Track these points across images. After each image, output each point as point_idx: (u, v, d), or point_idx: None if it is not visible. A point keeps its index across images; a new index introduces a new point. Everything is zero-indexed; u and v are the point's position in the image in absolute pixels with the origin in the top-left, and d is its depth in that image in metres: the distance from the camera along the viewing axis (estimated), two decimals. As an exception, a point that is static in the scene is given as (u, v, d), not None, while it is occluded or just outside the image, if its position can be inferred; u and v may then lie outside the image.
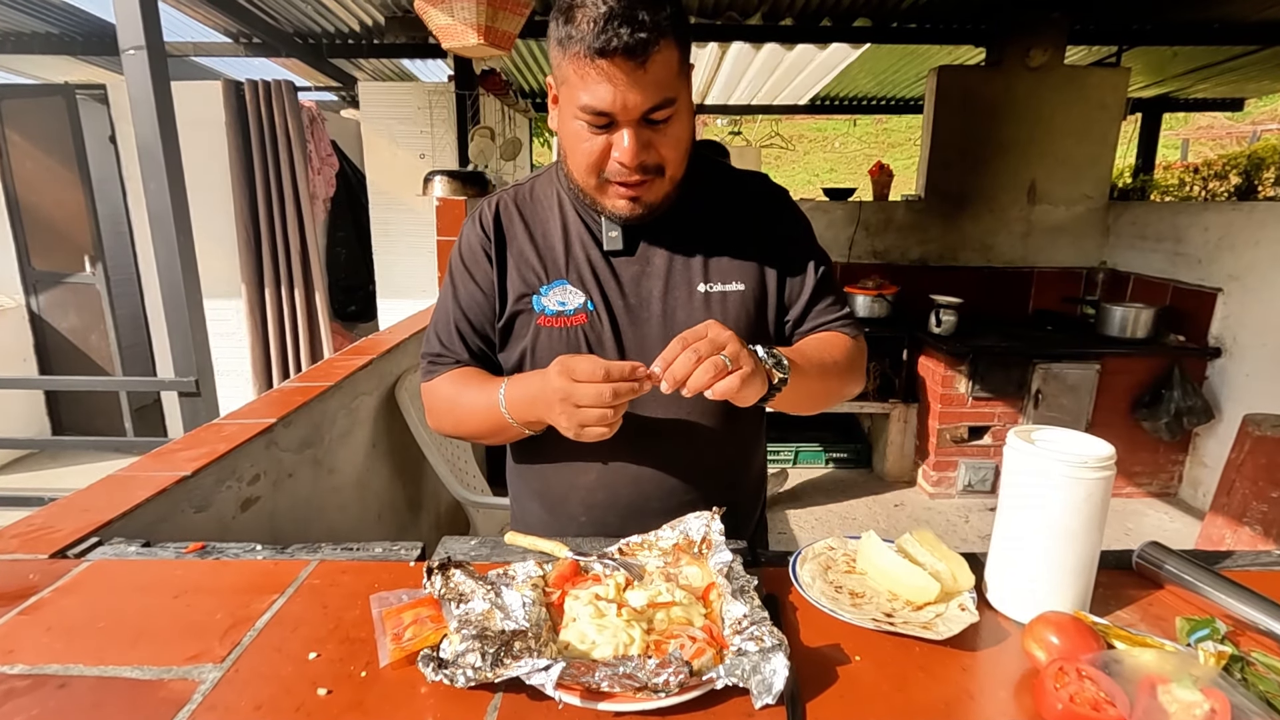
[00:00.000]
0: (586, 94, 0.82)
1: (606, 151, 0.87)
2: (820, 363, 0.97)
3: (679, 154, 0.90)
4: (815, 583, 0.83)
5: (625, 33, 0.78)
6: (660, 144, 0.87)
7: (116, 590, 0.82)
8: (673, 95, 0.84)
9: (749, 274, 1.00)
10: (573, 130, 0.88)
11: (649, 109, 0.83)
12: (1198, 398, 3.26)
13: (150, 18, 2.54)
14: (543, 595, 0.78)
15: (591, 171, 0.89)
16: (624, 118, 0.83)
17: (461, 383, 1.02)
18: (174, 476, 1.18)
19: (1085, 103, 3.88)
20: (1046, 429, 0.82)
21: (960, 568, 0.82)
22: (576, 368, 0.81)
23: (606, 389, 0.80)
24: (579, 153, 0.88)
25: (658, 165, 0.88)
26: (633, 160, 0.85)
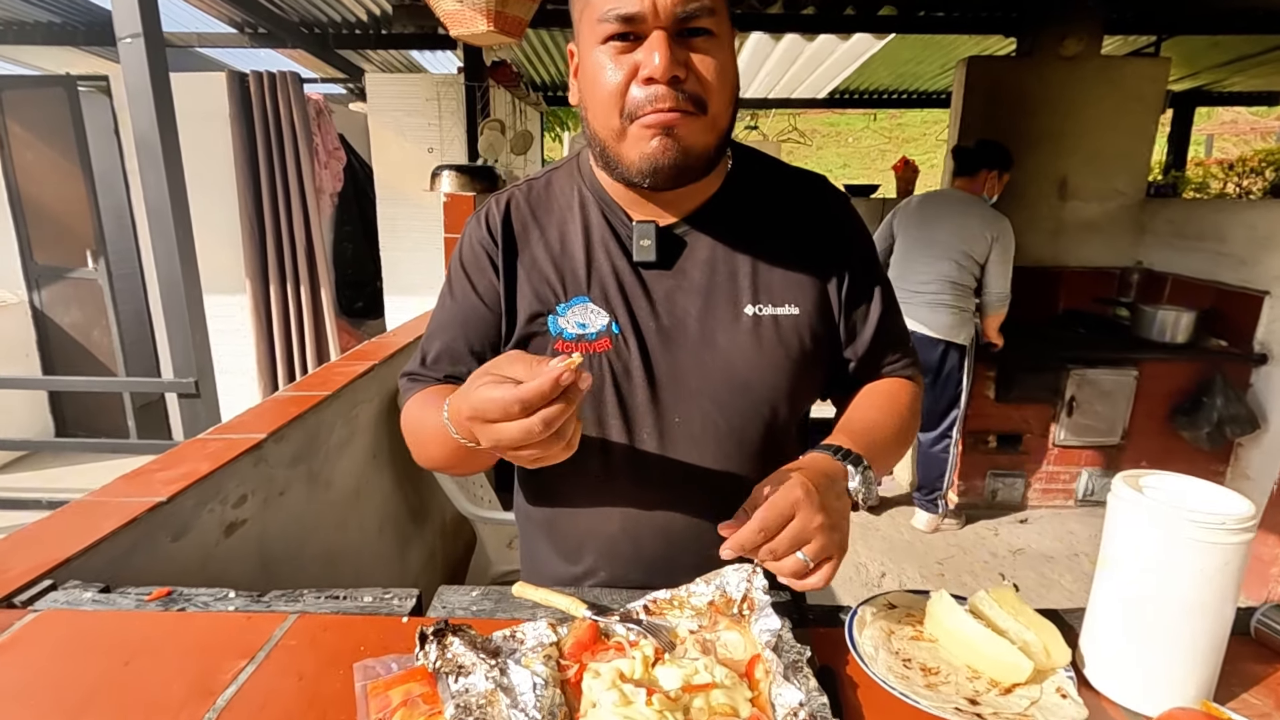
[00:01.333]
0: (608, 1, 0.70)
1: (633, 75, 0.71)
2: (893, 434, 0.85)
3: (723, 88, 0.74)
4: (879, 654, 0.70)
5: None
6: (699, 66, 0.72)
7: (61, 653, 0.71)
8: (711, 4, 0.70)
9: (806, 295, 0.84)
10: (593, 65, 0.73)
11: (684, 13, 0.69)
12: (1241, 406, 3.09)
13: (148, 5, 2.44)
14: (557, 671, 0.66)
15: (613, 106, 0.73)
16: (654, 22, 0.69)
17: (424, 403, 0.83)
18: (147, 503, 1.06)
19: (1121, 94, 3.71)
20: (1156, 474, 0.69)
21: (1053, 639, 0.69)
22: (485, 410, 0.59)
23: (534, 423, 0.57)
24: (601, 87, 0.73)
25: (695, 95, 0.72)
26: (665, 72, 0.69)
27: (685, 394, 0.83)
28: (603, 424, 0.84)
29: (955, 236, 2.89)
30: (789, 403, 0.85)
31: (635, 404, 0.83)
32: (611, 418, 0.84)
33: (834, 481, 0.72)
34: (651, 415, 0.83)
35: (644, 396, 0.83)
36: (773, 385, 0.83)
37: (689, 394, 0.83)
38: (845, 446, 0.77)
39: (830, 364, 0.89)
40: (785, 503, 0.66)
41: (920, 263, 2.95)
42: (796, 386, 0.84)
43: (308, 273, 4.34)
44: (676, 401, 0.83)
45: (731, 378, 0.82)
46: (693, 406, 0.83)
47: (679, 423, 0.83)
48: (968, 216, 2.91)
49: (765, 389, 0.83)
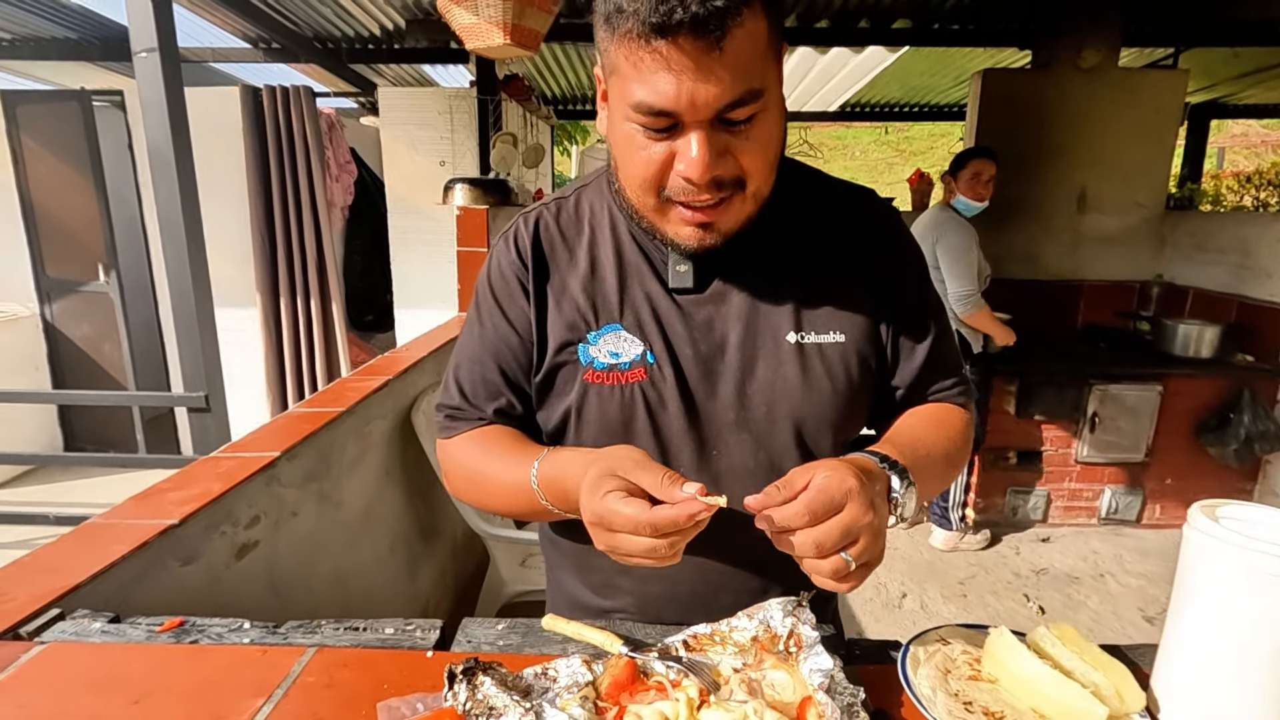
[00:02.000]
0: (642, 87, 0.62)
1: (669, 162, 0.66)
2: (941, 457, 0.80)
3: (766, 163, 0.68)
4: (937, 696, 0.65)
5: (694, 1, 0.57)
6: (741, 151, 0.66)
7: (66, 690, 0.67)
8: (759, 86, 0.63)
9: (853, 322, 0.79)
10: (625, 135, 0.67)
11: (726, 105, 0.62)
12: (1270, 422, 3.03)
13: (164, 20, 2.44)
14: (594, 713, 0.61)
15: (649, 189, 0.68)
16: (692, 117, 0.63)
17: (484, 449, 0.81)
18: (158, 526, 1.03)
19: (1140, 106, 3.67)
20: (1233, 504, 0.64)
21: (1125, 681, 0.64)
22: (613, 521, 0.61)
23: (660, 544, 0.60)
24: (633, 164, 0.68)
25: (736, 179, 0.67)
26: (703, 175, 0.64)
27: (724, 426, 0.78)
28: None
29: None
30: (833, 435, 0.79)
31: (671, 435, 0.78)
32: (646, 450, 0.79)
33: (878, 482, 0.67)
34: (688, 447, 0.78)
35: (680, 428, 0.78)
36: (817, 417, 0.78)
37: (728, 426, 0.78)
38: (891, 456, 0.71)
39: (877, 391, 0.84)
40: (838, 490, 0.60)
41: None
42: (842, 418, 0.79)
43: (318, 286, 4.33)
44: (715, 434, 0.78)
45: (773, 409, 0.77)
46: (732, 439, 0.78)
47: (717, 455, 0.78)
48: (922, 225, 2.92)
49: (809, 421, 0.78)
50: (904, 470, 0.70)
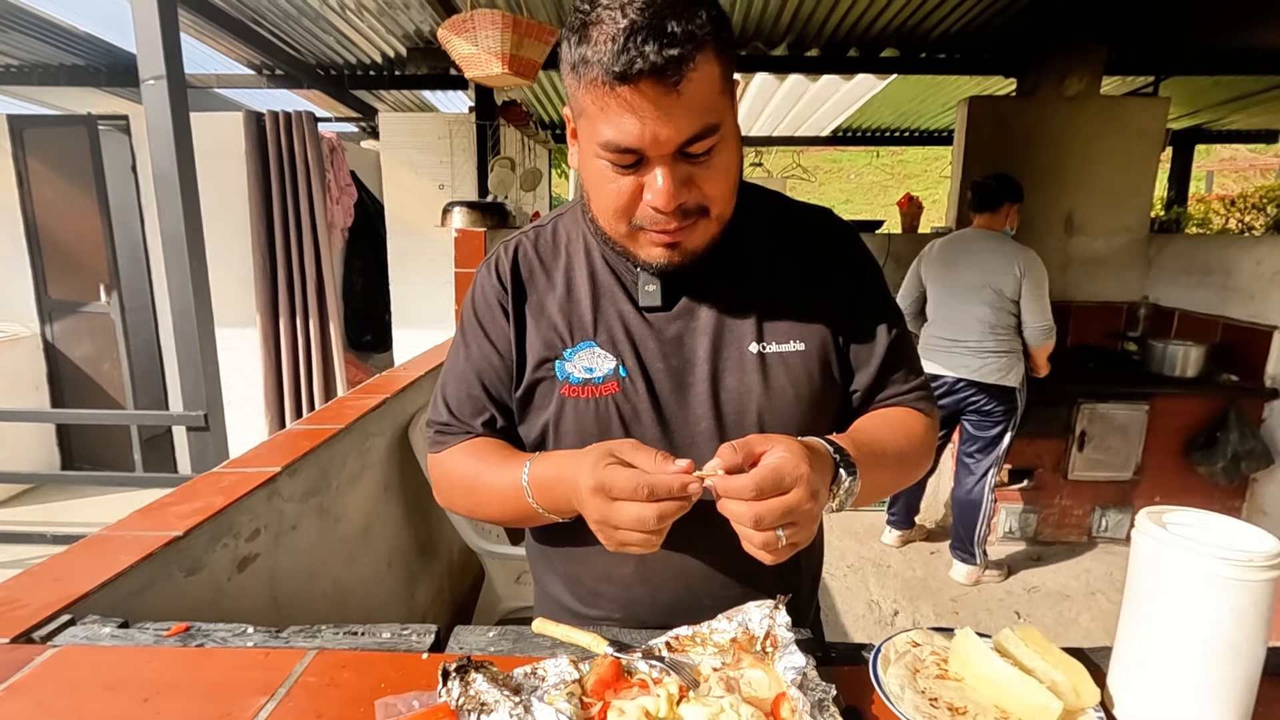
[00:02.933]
0: (609, 128, 0.68)
1: (637, 194, 0.72)
2: (896, 455, 0.83)
3: (726, 189, 0.75)
4: (905, 693, 0.69)
5: (652, 50, 0.63)
6: (703, 180, 0.72)
7: (79, 690, 0.70)
8: (715, 121, 0.69)
9: (812, 331, 0.84)
10: (595, 170, 0.73)
11: (686, 141, 0.68)
12: (1256, 441, 3.07)
13: (171, 48, 2.52)
14: (580, 708, 0.65)
15: (620, 217, 0.74)
16: (656, 153, 0.69)
17: (476, 458, 0.86)
18: (163, 538, 1.06)
19: (1123, 132, 3.76)
20: (1180, 510, 0.68)
21: (1080, 678, 0.68)
22: (614, 484, 0.66)
23: (650, 512, 0.65)
24: (604, 196, 0.74)
25: (700, 205, 0.73)
26: (669, 204, 0.70)
27: (696, 434, 0.83)
28: None
29: (982, 277, 2.85)
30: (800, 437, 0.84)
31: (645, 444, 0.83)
32: None
33: (826, 471, 0.71)
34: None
35: (654, 437, 0.82)
36: (783, 423, 0.82)
37: (700, 434, 0.83)
38: (846, 450, 0.74)
39: (842, 399, 0.89)
40: (790, 474, 0.65)
41: (954, 310, 2.90)
42: (807, 423, 0.83)
43: (317, 306, 4.38)
44: (687, 442, 0.83)
45: (742, 417, 0.82)
46: (704, 447, 0.82)
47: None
48: (991, 254, 2.86)
49: (776, 427, 0.82)
50: (853, 465, 0.73)
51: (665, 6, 0.65)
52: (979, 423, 2.95)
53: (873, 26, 3.62)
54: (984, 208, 2.96)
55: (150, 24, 2.45)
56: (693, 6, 0.66)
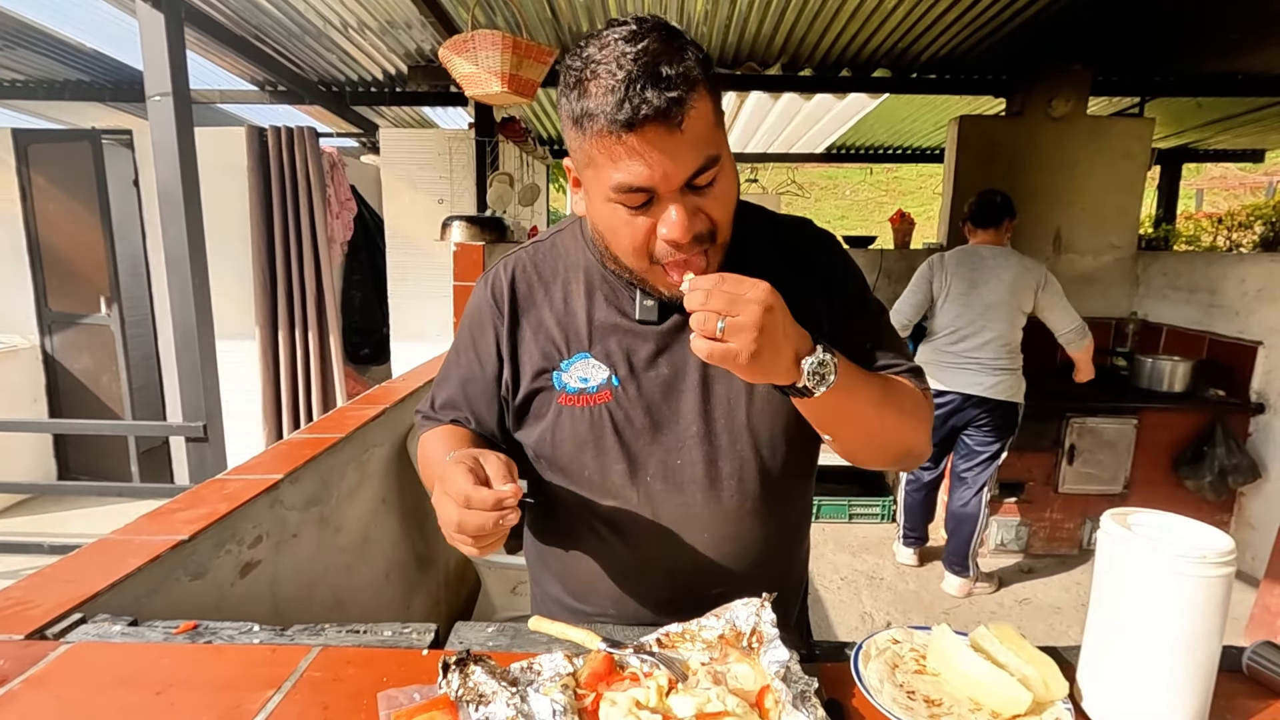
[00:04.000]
0: (619, 173, 0.72)
1: (651, 231, 0.76)
2: (882, 389, 0.84)
3: (729, 214, 0.80)
4: (884, 686, 0.72)
5: (653, 95, 0.68)
6: (709, 207, 0.77)
7: (94, 682, 0.73)
8: (715, 152, 0.74)
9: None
10: (608, 214, 0.77)
11: (692, 175, 0.73)
12: (1242, 455, 3.12)
13: (177, 65, 2.57)
14: (574, 699, 0.68)
15: (640, 256, 0.78)
16: (666, 189, 0.73)
17: (439, 440, 0.94)
18: (170, 541, 1.09)
19: (1110, 152, 3.84)
20: (1143, 512, 0.72)
21: (1050, 672, 0.72)
22: (448, 483, 0.73)
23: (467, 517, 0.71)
24: (621, 238, 0.78)
25: (710, 231, 0.78)
26: (685, 235, 0.74)
27: (687, 439, 0.87)
28: (607, 470, 0.88)
29: (1007, 294, 2.87)
30: (786, 443, 0.88)
31: (638, 450, 0.87)
32: (615, 464, 0.88)
33: (794, 329, 0.72)
34: (655, 459, 0.87)
35: (646, 442, 0.87)
36: (770, 427, 0.87)
37: (691, 439, 0.87)
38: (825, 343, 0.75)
39: None
40: (753, 283, 0.69)
41: (974, 327, 2.91)
42: (794, 426, 0.88)
43: (316, 319, 4.42)
44: (679, 446, 0.87)
45: (731, 422, 0.87)
46: (695, 451, 0.87)
47: (681, 465, 0.87)
48: (1014, 271, 2.88)
49: (764, 431, 0.87)
50: (833, 353, 0.75)
51: (656, 54, 0.69)
52: (980, 439, 2.98)
53: (864, 48, 3.70)
54: (990, 223, 2.98)
55: (157, 42, 2.51)
56: (681, 50, 0.71)
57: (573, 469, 0.90)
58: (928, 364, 3.01)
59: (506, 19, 3.34)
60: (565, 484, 0.92)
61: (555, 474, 0.92)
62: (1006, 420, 2.95)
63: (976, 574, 3.12)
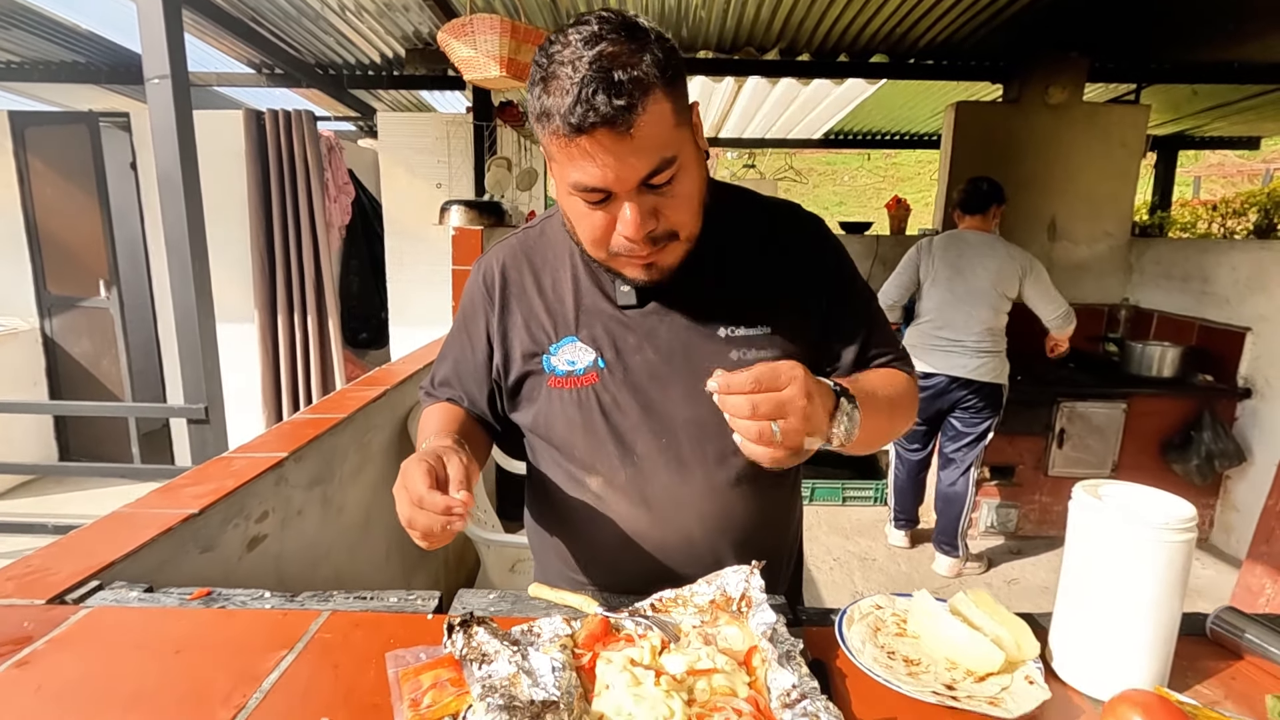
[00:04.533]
0: (575, 171, 0.74)
1: (610, 225, 0.78)
2: (887, 402, 0.88)
3: (690, 213, 0.81)
4: (866, 647, 0.76)
5: (602, 101, 0.69)
6: (668, 208, 0.78)
7: (114, 644, 0.77)
8: (670, 154, 0.75)
9: (779, 317, 0.91)
10: (571, 206, 0.81)
11: (645, 177, 0.74)
12: (1229, 440, 3.17)
13: (176, 48, 2.57)
14: (572, 658, 0.72)
15: (599, 247, 0.81)
16: (620, 189, 0.75)
17: (432, 418, 0.99)
18: (180, 515, 1.13)
19: (1105, 140, 3.86)
20: (1113, 484, 0.76)
21: (1023, 634, 0.76)
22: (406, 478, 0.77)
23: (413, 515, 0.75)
24: (582, 229, 0.81)
25: (668, 232, 0.80)
26: (637, 234, 0.77)
27: (674, 419, 0.90)
28: (596, 450, 0.92)
29: (991, 282, 2.92)
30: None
31: (625, 429, 0.90)
32: (605, 443, 0.91)
33: (825, 394, 0.75)
34: (642, 439, 0.90)
35: (634, 422, 0.90)
36: None
37: (678, 419, 0.90)
38: (846, 387, 0.79)
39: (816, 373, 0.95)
40: (785, 371, 0.70)
41: (959, 311, 2.96)
42: None
43: (315, 304, 4.44)
44: (666, 426, 0.90)
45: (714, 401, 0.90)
46: (681, 431, 0.90)
47: (666, 444, 0.90)
48: (999, 259, 2.93)
49: None
50: (853, 397, 0.79)
51: (611, 59, 0.70)
52: (967, 420, 3.03)
53: (862, 33, 3.70)
54: (976, 210, 3.02)
55: (155, 24, 2.51)
56: (637, 54, 0.72)
57: (565, 448, 0.94)
58: (915, 346, 3.06)
59: (505, 2, 3.34)
60: (559, 462, 0.95)
61: (549, 453, 0.96)
62: (991, 401, 3.00)
63: (966, 554, 3.18)
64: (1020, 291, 2.95)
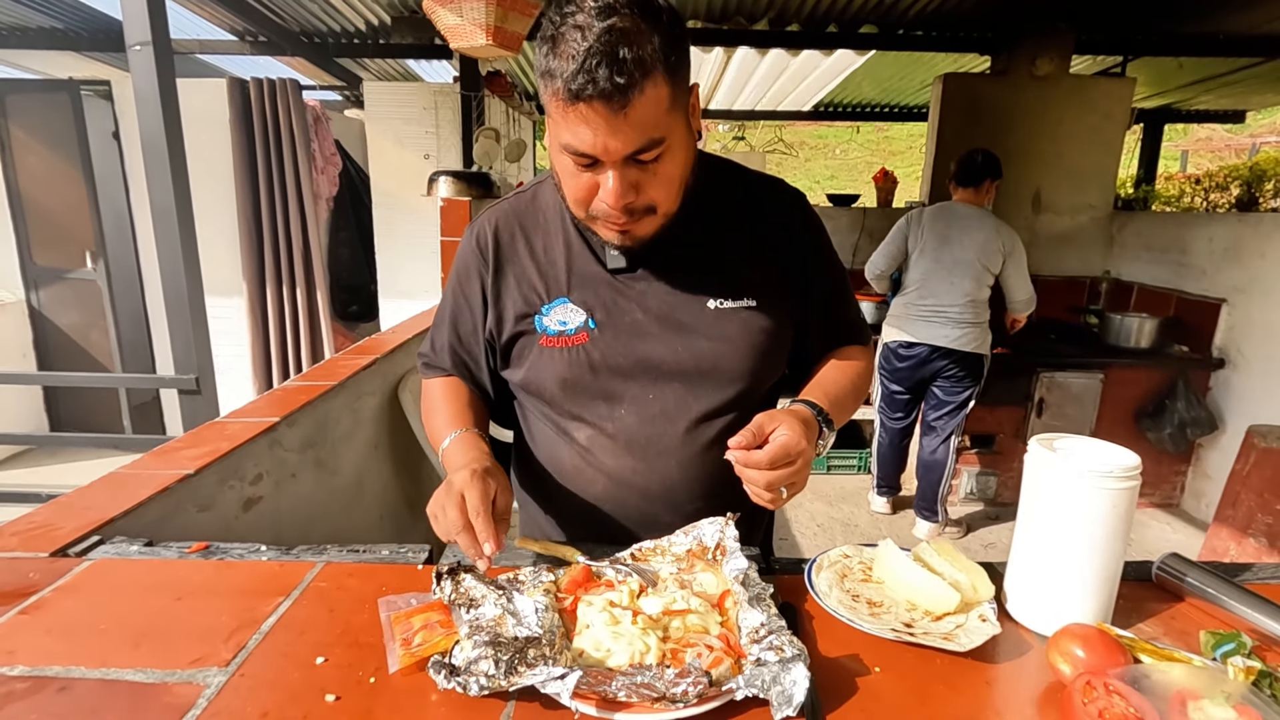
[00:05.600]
0: (567, 134, 0.77)
1: (594, 189, 0.82)
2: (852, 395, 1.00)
3: (670, 193, 0.85)
4: (832, 591, 0.81)
5: (603, 75, 0.71)
6: (649, 184, 0.82)
7: (118, 591, 0.81)
8: (660, 135, 0.78)
9: (762, 289, 0.96)
10: (560, 163, 0.84)
11: (633, 152, 0.78)
12: (1201, 409, 3.25)
13: (157, 14, 2.54)
14: (555, 601, 0.77)
15: (580, 206, 0.85)
16: (607, 159, 0.78)
17: (440, 399, 1.04)
18: (177, 475, 1.16)
19: (1091, 112, 3.88)
20: (1068, 437, 0.81)
21: (979, 578, 0.81)
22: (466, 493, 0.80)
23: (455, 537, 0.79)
24: (567, 187, 0.85)
25: (647, 206, 0.84)
26: (617, 203, 0.81)
27: (660, 377, 0.95)
28: (584, 405, 0.96)
29: (976, 254, 2.96)
30: (751, 380, 0.96)
31: (614, 387, 0.95)
32: (593, 400, 0.96)
33: (812, 434, 0.87)
34: (629, 395, 0.95)
35: (621, 380, 0.95)
36: (735, 368, 0.95)
37: (664, 378, 0.94)
38: (823, 408, 0.91)
39: (790, 345, 1.01)
40: (795, 449, 0.81)
41: (945, 282, 3.00)
42: (758, 367, 0.96)
43: (304, 276, 4.42)
44: (652, 384, 0.95)
45: (700, 362, 0.94)
46: (666, 388, 0.95)
47: (653, 399, 0.95)
48: (987, 232, 2.96)
49: (730, 370, 0.95)
50: (830, 421, 0.92)
51: (621, 34, 0.72)
52: (949, 388, 3.09)
53: (851, 3, 3.68)
54: (969, 182, 3.03)
55: (136, -11, 2.47)
56: (645, 34, 0.74)
57: (554, 404, 0.98)
58: (899, 317, 3.10)
59: (491, -31, 3.29)
60: (548, 416, 1.00)
61: (539, 407, 1.00)
62: (972, 370, 3.06)
63: (946, 519, 3.27)
64: (1001, 269, 2.98)
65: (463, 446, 0.94)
